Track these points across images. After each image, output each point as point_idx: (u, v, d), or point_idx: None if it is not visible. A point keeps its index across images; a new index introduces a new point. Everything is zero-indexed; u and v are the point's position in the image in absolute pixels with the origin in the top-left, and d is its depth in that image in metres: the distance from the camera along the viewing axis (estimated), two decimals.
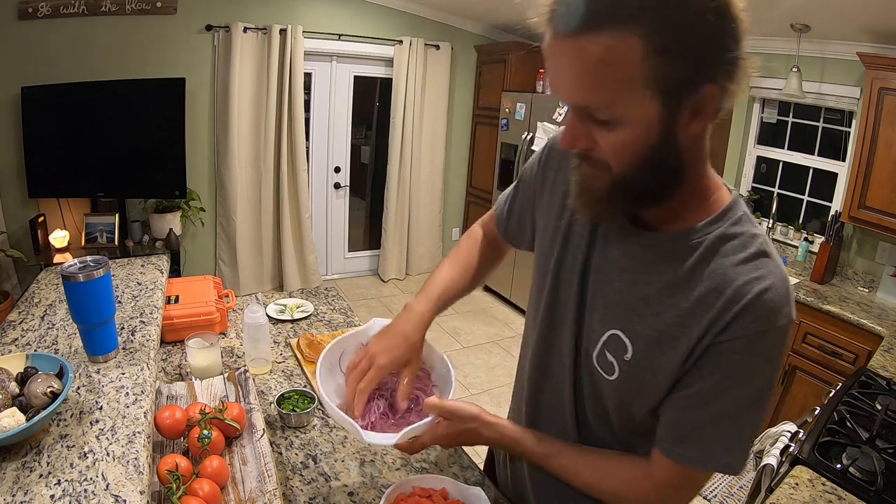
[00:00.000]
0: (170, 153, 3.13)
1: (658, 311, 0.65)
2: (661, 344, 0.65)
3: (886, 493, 1.17)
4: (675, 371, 0.64)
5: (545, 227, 0.84)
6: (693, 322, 0.62)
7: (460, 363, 3.34)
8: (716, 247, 0.63)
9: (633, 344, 0.68)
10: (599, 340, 0.71)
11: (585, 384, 0.76)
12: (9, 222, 3.02)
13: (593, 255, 0.73)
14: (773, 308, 0.60)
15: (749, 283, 0.60)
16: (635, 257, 0.68)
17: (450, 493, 0.95)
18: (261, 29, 3.50)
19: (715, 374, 0.62)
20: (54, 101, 2.87)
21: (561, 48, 0.54)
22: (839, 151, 2.89)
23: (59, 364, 0.91)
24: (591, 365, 0.73)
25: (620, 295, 0.69)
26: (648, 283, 0.67)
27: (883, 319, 2.29)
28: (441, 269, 0.97)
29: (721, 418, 0.63)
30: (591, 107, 0.56)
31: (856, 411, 1.50)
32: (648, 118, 0.54)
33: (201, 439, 0.96)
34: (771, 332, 0.60)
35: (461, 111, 4.65)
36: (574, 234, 0.76)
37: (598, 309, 0.72)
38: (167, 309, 1.46)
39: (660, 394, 0.67)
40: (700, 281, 0.63)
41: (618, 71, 0.51)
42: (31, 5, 2.85)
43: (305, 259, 4.10)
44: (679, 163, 0.60)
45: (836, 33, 2.67)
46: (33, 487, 0.72)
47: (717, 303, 0.61)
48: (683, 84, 0.53)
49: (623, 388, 0.70)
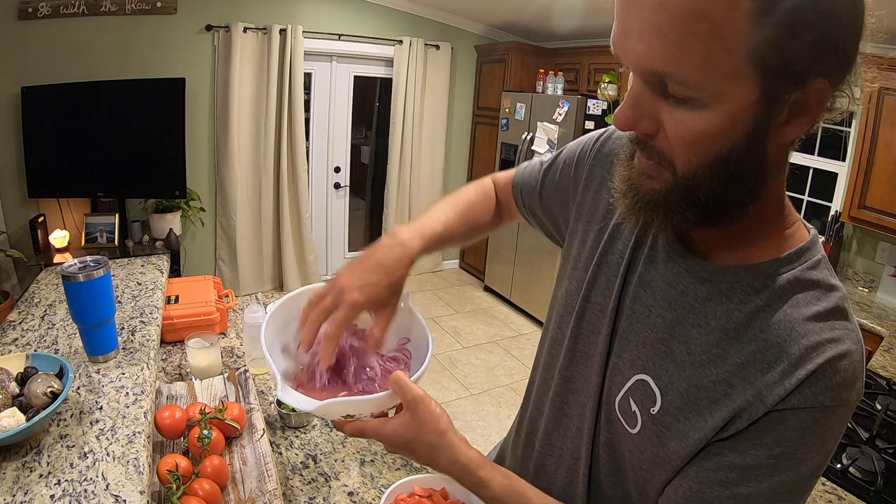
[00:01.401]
0: (170, 153, 3.13)
1: (701, 361, 0.53)
2: (698, 403, 0.52)
3: (886, 493, 1.17)
4: (705, 440, 0.51)
5: (581, 237, 0.70)
6: (742, 382, 0.50)
7: (460, 363, 3.34)
8: (786, 293, 0.50)
9: (664, 396, 0.54)
10: (625, 385, 0.59)
11: (603, 431, 0.63)
12: (9, 222, 3.02)
13: (633, 280, 0.61)
14: (847, 380, 0.48)
15: (822, 344, 0.48)
16: (683, 290, 0.55)
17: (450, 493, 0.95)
18: (261, 29, 3.50)
19: (757, 449, 0.49)
20: (54, 101, 2.87)
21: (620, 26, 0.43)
22: (839, 151, 2.89)
23: (59, 364, 0.91)
24: (612, 410, 0.61)
25: (658, 334, 0.56)
26: (695, 325, 0.54)
27: (883, 319, 2.29)
28: (439, 209, 0.78)
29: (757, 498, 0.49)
30: (669, 74, 0.42)
31: (856, 411, 1.50)
32: (739, 104, 0.42)
33: (201, 439, 0.96)
34: (837, 410, 0.48)
35: (461, 111, 4.65)
36: (614, 250, 0.63)
37: (629, 347, 0.59)
38: (167, 309, 1.46)
39: (680, 465, 0.53)
40: (760, 332, 0.50)
41: (715, 32, 0.39)
42: (31, 5, 2.85)
43: (305, 259, 4.10)
44: (761, 174, 0.48)
45: None
46: (33, 487, 0.72)
47: (778, 363, 0.48)
48: (791, 70, 0.41)
49: (643, 446, 0.57)
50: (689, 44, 0.40)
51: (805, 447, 0.48)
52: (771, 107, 0.43)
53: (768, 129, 0.44)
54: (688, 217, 0.50)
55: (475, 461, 0.61)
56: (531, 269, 3.94)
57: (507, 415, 2.82)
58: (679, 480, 0.54)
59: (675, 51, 0.41)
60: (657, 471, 0.56)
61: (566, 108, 3.51)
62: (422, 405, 0.60)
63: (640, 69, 0.45)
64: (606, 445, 0.63)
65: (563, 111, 3.51)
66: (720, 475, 0.50)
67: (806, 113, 0.44)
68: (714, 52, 0.40)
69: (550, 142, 3.60)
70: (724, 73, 0.41)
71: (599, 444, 0.64)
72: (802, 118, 0.44)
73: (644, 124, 0.47)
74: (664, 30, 0.40)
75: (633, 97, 0.47)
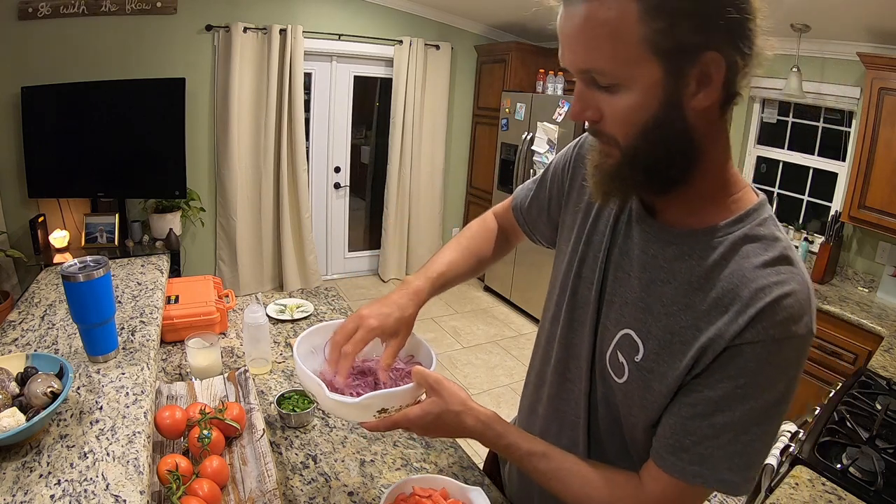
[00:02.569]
0: (170, 153, 3.13)
1: (673, 311, 0.63)
2: (672, 347, 0.62)
3: (886, 493, 1.17)
4: (682, 377, 0.61)
5: (570, 226, 0.81)
6: (706, 325, 0.59)
7: (460, 363, 3.34)
8: (737, 247, 0.60)
9: (645, 345, 0.65)
10: (613, 340, 0.69)
11: (598, 388, 0.73)
12: (9, 222, 3.02)
13: (614, 253, 0.71)
14: (793, 315, 0.56)
15: (769, 286, 0.57)
16: (655, 255, 0.66)
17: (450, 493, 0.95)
18: (261, 29, 3.50)
19: (724, 381, 0.58)
20: (54, 101, 2.87)
21: (566, 17, 0.56)
22: (839, 151, 2.89)
23: (59, 364, 0.91)
24: (604, 366, 0.71)
25: (637, 293, 0.67)
26: (665, 282, 0.64)
27: (883, 319, 2.29)
28: (445, 251, 0.92)
29: (726, 431, 0.58)
30: (593, 70, 0.56)
31: (856, 411, 1.50)
32: (649, 82, 0.54)
33: (201, 439, 0.96)
34: (789, 342, 0.56)
35: (461, 111, 4.65)
36: (597, 231, 0.75)
37: (614, 308, 0.70)
38: (167, 309, 1.46)
39: (664, 403, 0.63)
40: (717, 282, 0.60)
41: (615, 32, 0.52)
42: (31, 5, 2.85)
43: (305, 259, 4.10)
44: (690, 140, 0.58)
45: (836, 33, 2.67)
46: (33, 487, 0.72)
47: (733, 305, 0.58)
48: (682, 49, 0.52)
49: (631, 392, 0.66)
50: (598, 45, 0.54)
51: (765, 376, 0.57)
52: (677, 80, 0.54)
53: (681, 98, 0.55)
54: (638, 181, 0.61)
55: (496, 417, 0.75)
56: (531, 269, 3.94)
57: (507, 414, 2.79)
58: (665, 418, 0.63)
59: (590, 52, 0.55)
60: (645, 414, 0.66)
61: (566, 108, 3.51)
62: (443, 383, 0.74)
63: (574, 70, 0.58)
64: (603, 400, 0.73)
65: (564, 111, 3.51)
66: (699, 409, 0.60)
67: (710, 82, 0.54)
68: (618, 47, 0.53)
69: (550, 142, 3.60)
70: (630, 61, 0.53)
71: (597, 400, 0.74)
72: (709, 87, 0.54)
73: (589, 114, 0.60)
74: (581, 38, 0.55)
75: (577, 94, 0.60)
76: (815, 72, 2.84)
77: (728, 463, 0.59)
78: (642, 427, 0.67)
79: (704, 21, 0.51)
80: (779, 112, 3.16)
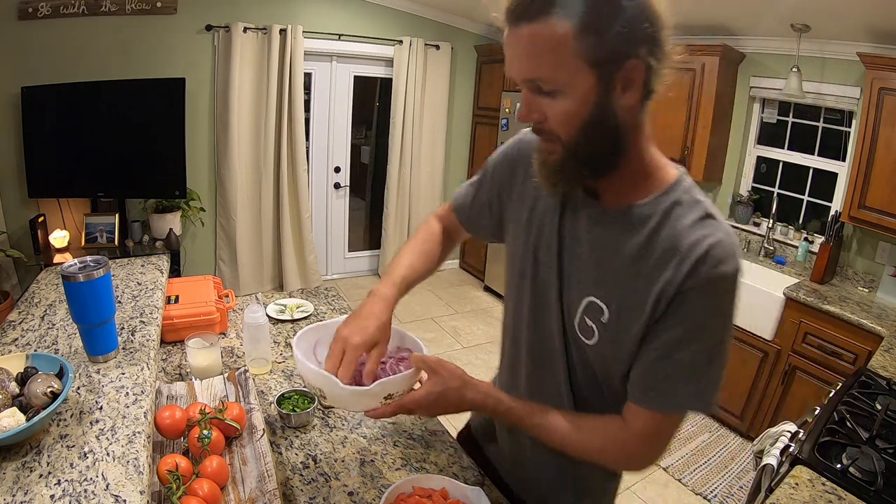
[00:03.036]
0: (170, 153, 3.13)
1: (626, 277, 0.73)
2: (632, 304, 0.72)
3: (886, 493, 1.17)
4: (644, 329, 0.72)
5: (518, 219, 0.90)
6: (656, 280, 0.70)
7: (460, 363, 3.33)
8: (668, 213, 0.72)
9: (608, 307, 0.75)
10: (579, 309, 0.79)
11: (573, 354, 0.83)
12: (9, 222, 3.02)
13: (565, 237, 0.81)
14: (722, 258, 0.68)
15: (700, 239, 0.68)
16: (601, 234, 0.77)
17: (450, 493, 0.95)
18: (261, 29, 3.50)
19: (677, 325, 0.70)
20: (54, 101, 2.87)
21: (513, 36, 0.66)
22: (839, 151, 2.89)
23: (59, 364, 0.91)
24: (575, 333, 0.80)
25: (592, 269, 0.77)
26: (616, 254, 0.74)
27: (883, 319, 2.29)
28: (402, 257, 1.01)
29: (685, 365, 0.70)
30: (537, 79, 0.66)
31: (856, 411, 1.50)
32: (584, 88, 0.65)
33: (201, 439, 0.96)
34: (723, 281, 0.68)
35: (461, 111, 4.65)
36: (546, 220, 0.84)
37: (574, 284, 0.80)
38: (167, 309, 1.46)
39: (633, 352, 0.74)
40: (658, 244, 0.71)
41: (555, 47, 0.63)
42: (31, 5, 2.85)
43: (305, 259, 4.10)
44: (619, 132, 0.69)
45: (836, 33, 2.67)
46: (33, 487, 0.72)
47: (673, 260, 0.69)
48: (609, 58, 0.63)
49: (604, 350, 0.77)
50: (541, 57, 0.64)
51: (709, 315, 0.70)
52: (607, 85, 0.65)
53: (611, 100, 0.66)
54: (581, 172, 0.73)
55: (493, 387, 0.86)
56: None
57: None
58: (635, 365, 0.75)
59: (535, 63, 0.65)
60: (618, 366, 0.77)
61: None
62: (442, 363, 0.83)
63: (520, 79, 0.69)
64: (579, 363, 0.83)
65: None
66: (660, 351, 0.71)
67: (633, 84, 0.66)
68: (559, 59, 0.63)
69: None
70: (568, 71, 0.64)
71: (574, 364, 0.84)
72: (632, 88, 0.66)
73: (535, 116, 0.70)
74: (527, 53, 0.66)
75: (524, 100, 0.70)
76: (815, 72, 2.84)
77: (693, 389, 0.71)
78: (618, 377, 0.78)
79: (627, 35, 0.62)
80: (779, 112, 3.16)
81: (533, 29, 0.63)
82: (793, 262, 2.98)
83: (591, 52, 0.63)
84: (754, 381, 2.68)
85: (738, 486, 2.39)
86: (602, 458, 0.81)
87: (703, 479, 2.42)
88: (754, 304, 2.65)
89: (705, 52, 3.05)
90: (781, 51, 2.97)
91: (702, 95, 3.10)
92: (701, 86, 3.10)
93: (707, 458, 2.59)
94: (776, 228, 3.10)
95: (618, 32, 0.62)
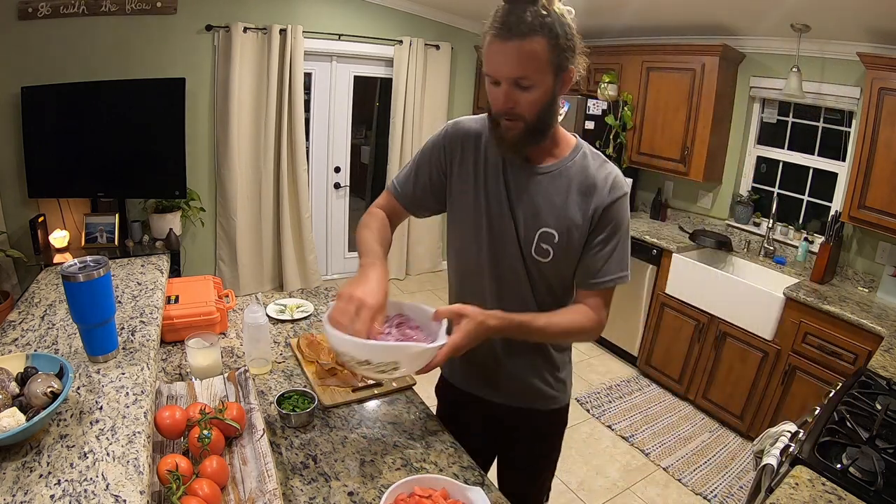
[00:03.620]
0: (170, 153, 3.13)
1: (566, 208, 1.07)
2: (572, 224, 1.07)
3: (886, 493, 1.16)
4: (584, 239, 1.08)
5: (465, 187, 1.14)
6: (587, 207, 1.07)
7: None
8: (582, 163, 1.09)
9: (557, 229, 1.07)
10: (534, 238, 1.08)
11: (533, 273, 1.12)
12: (9, 222, 3.02)
13: (511, 190, 1.10)
14: (622, 183, 1.09)
15: (607, 175, 1.08)
16: (535, 185, 1.08)
17: (450, 493, 0.95)
18: (261, 29, 3.50)
19: (602, 230, 1.07)
20: (54, 101, 2.87)
21: (504, 46, 0.92)
22: (839, 151, 2.89)
23: (59, 364, 0.91)
24: (532, 258, 1.10)
25: (538, 210, 1.08)
26: (554, 196, 1.08)
27: (883, 319, 2.29)
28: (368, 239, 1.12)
29: (611, 253, 1.08)
30: (520, 78, 0.94)
31: (856, 411, 1.50)
32: (548, 84, 0.97)
33: (201, 439, 0.96)
34: (625, 196, 1.08)
35: (461, 111, 4.65)
36: (492, 182, 1.11)
37: (526, 223, 1.09)
38: (167, 309, 1.46)
39: (578, 257, 1.09)
40: (580, 184, 1.07)
41: (537, 56, 0.93)
42: (31, 5, 2.85)
43: (305, 259, 4.10)
44: (554, 114, 1.04)
45: (836, 33, 2.67)
46: (33, 487, 0.72)
47: (595, 190, 1.06)
48: (562, 66, 0.96)
49: (557, 263, 1.09)
50: (526, 63, 0.93)
51: (619, 219, 1.08)
52: (556, 82, 0.98)
53: (557, 92, 1.00)
54: (532, 140, 1.03)
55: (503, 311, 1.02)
56: None
57: None
58: (580, 265, 1.11)
59: (521, 67, 0.93)
60: (569, 270, 1.12)
61: (566, 108, 3.51)
62: (462, 307, 0.98)
63: (505, 78, 0.95)
64: (538, 278, 1.13)
65: (564, 111, 3.51)
66: (595, 249, 1.08)
67: (568, 82, 1.00)
68: (538, 65, 0.93)
69: None
70: (541, 72, 0.94)
71: (534, 280, 1.13)
72: (566, 85, 1.01)
73: (510, 104, 0.98)
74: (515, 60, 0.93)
75: (505, 93, 0.97)
76: (815, 72, 2.84)
77: (616, 267, 1.08)
78: (569, 278, 1.14)
79: (570, 52, 0.96)
80: (779, 112, 3.16)
81: (522, 43, 0.91)
82: (793, 262, 2.99)
83: (556, 60, 0.94)
84: (754, 381, 2.68)
85: (738, 486, 2.39)
86: (580, 333, 1.11)
87: (703, 479, 2.42)
88: (754, 304, 2.65)
89: (705, 52, 3.05)
90: (781, 51, 2.97)
91: (702, 95, 3.11)
92: (701, 86, 3.10)
93: (707, 458, 2.59)
94: (776, 228, 3.10)
95: (567, 47, 0.95)
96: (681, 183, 3.60)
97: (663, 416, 2.94)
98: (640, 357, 3.37)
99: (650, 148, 3.43)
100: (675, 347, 3.10)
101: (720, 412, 2.88)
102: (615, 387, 3.19)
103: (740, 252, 3.16)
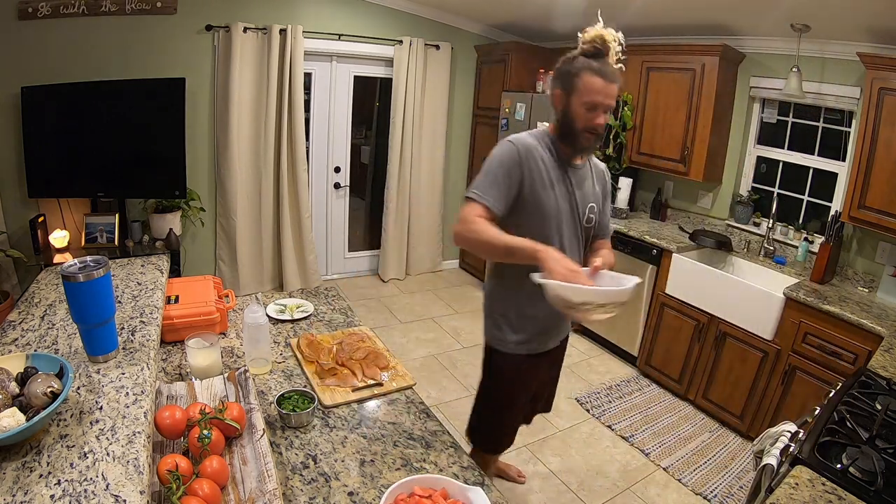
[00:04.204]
0: (170, 153, 3.13)
1: (594, 191, 1.62)
2: (599, 201, 1.65)
3: (886, 493, 1.16)
4: (604, 205, 1.69)
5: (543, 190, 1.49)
6: (605, 186, 1.70)
7: (460, 363, 3.34)
8: (591, 160, 1.64)
9: (597, 203, 1.63)
10: (585, 212, 1.58)
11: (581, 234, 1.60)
12: (9, 222, 3.02)
13: (572, 184, 1.55)
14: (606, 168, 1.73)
15: (603, 166, 1.71)
16: (583, 177, 1.59)
17: (450, 493, 0.95)
18: (261, 29, 3.50)
19: (607, 198, 1.72)
20: (54, 101, 2.87)
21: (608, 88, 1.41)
22: (839, 151, 2.89)
23: (59, 364, 0.91)
24: (583, 224, 1.59)
25: (587, 193, 1.60)
26: (588, 183, 1.60)
27: (883, 319, 2.29)
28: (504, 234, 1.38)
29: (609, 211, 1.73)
30: (610, 107, 1.44)
31: (856, 411, 1.50)
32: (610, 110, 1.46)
33: (201, 439, 0.96)
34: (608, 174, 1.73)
35: (461, 111, 4.65)
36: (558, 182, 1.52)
37: (581, 202, 1.57)
38: (167, 309, 1.46)
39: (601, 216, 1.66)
40: (596, 173, 1.65)
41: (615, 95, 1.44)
42: (31, 5, 2.85)
43: (305, 259, 4.10)
44: None
45: (836, 33, 2.67)
46: (33, 487, 0.72)
47: (604, 175, 1.70)
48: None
49: (595, 225, 1.64)
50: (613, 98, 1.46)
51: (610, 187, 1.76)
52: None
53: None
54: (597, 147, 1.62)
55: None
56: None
57: None
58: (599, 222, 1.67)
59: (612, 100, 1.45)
60: (597, 228, 1.66)
61: None
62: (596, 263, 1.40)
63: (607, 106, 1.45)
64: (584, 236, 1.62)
65: None
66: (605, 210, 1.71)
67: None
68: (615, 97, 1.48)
69: None
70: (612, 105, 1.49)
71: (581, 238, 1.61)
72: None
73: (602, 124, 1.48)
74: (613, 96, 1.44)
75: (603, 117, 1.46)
76: (815, 72, 2.84)
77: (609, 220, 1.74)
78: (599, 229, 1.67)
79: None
80: (779, 112, 3.16)
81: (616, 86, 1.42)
82: (793, 262, 2.99)
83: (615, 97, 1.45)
84: (754, 380, 2.68)
85: (738, 486, 2.39)
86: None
87: (703, 479, 2.42)
88: (754, 304, 2.65)
89: (705, 52, 3.05)
90: (781, 51, 2.97)
91: (702, 95, 3.11)
92: (701, 86, 3.10)
93: (707, 458, 2.59)
94: (776, 228, 3.10)
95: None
96: (681, 183, 3.60)
97: (663, 416, 2.94)
98: (639, 357, 3.37)
99: (650, 148, 3.43)
100: (675, 347, 3.10)
101: (720, 412, 2.88)
102: (615, 387, 3.19)
103: (740, 252, 3.16)
